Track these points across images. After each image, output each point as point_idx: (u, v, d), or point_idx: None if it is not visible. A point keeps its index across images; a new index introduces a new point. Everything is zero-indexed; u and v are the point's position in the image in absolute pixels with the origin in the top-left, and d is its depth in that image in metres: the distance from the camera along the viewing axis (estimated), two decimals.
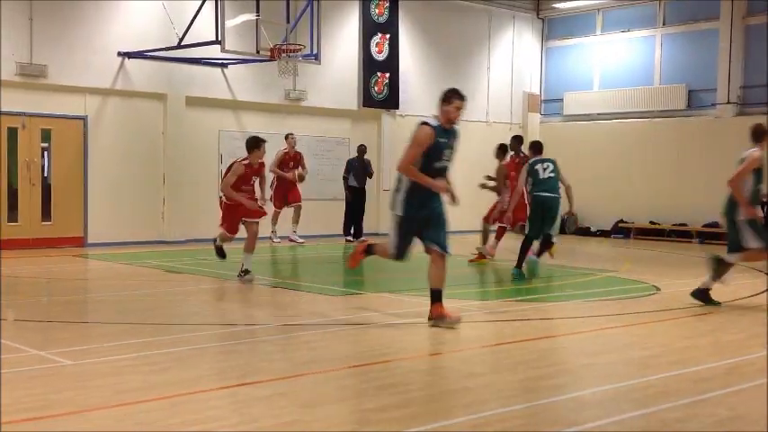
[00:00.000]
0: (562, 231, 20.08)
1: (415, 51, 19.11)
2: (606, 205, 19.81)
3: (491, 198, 13.26)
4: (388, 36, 18.29)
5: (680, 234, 18.48)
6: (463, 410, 4.60)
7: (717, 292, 8.88)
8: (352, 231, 16.33)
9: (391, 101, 18.45)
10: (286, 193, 15.24)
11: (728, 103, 18.22)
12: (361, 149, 16.38)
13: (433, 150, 7.13)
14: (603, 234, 19.62)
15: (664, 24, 19.66)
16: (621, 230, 19.47)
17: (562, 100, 21.16)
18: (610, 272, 11.87)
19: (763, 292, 9.73)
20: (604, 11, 20.64)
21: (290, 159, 15.31)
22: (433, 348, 6.31)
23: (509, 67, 21.01)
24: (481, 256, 12.50)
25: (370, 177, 16.59)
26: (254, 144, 10.01)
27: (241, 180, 9.88)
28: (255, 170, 10.10)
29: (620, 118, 19.90)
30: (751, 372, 5.61)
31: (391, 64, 18.37)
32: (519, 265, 10.78)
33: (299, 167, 15.33)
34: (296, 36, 14.40)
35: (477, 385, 5.18)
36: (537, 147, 11.44)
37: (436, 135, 7.16)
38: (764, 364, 5.84)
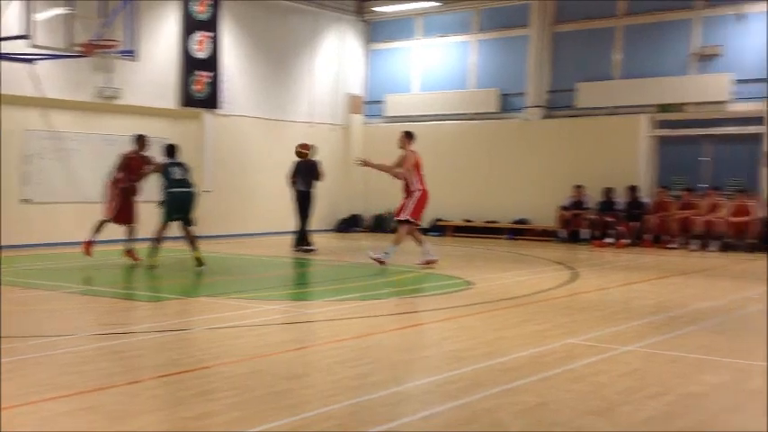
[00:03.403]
0: (382, 230, 20.70)
1: (238, 50, 18.86)
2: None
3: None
4: (209, 34, 17.93)
5: (491, 231, 19.36)
6: (285, 412, 4.60)
7: (519, 285, 9.39)
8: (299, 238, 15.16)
9: (213, 100, 18.10)
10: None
11: (537, 106, 19.31)
12: (308, 150, 15.52)
13: None
14: (422, 232, 20.17)
15: (479, 31, 20.53)
16: (438, 228, 20.14)
17: (384, 102, 21.61)
18: (427, 268, 12.24)
19: (564, 285, 10.40)
20: (424, 16, 21.27)
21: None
22: (253, 352, 6.26)
23: (333, 68, 21.19)
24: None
25: (319, 180, 15.44)
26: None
27: None
28: None
29: (439, 120, 20.59)
30: (555, 360, 5.98)
31: (213, 63, 18.03)
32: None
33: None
34: (111, 31, 13.81)
35: (299, 386, 5.20)
36: (170, 150, 12.11)
37: None
38: (567, 353, 6.25)
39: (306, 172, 15.17)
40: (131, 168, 12.34)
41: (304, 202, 15.03)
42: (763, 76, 16.64)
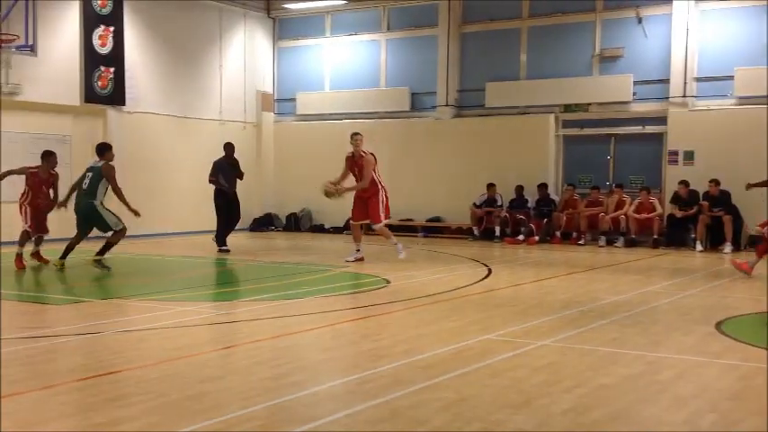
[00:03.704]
0: (297, 228, 20.57)
1: (142, 46, 18.39)
2: (338, 203, 20.35)
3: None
4: (112, 29, 17.42)
5: (406, 229, 19.47)
6: (203, 415, 4.49)
7: (435, 282, 9.46)
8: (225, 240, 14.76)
9: (117, 97, 17.61)
10: None
11: (447, 105, 19.52)
12: (230, 148, 15.03)
13: None
14: (336, 231, 20.17)
15: (388, 29, 20.62)
16: None
17: (295, 100, 21.47)
18: (343, 267, 12.22)
19: (479, 282, 10.54)
20: (333, 14, 21.22)
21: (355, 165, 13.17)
22: (166, 355, 6.10)
23: (242, 65, 20.92)
24: None
25: (241, 179, 15.09)
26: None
27: None
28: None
29: (351, 118, 20.58)
30: (472, 356, 6.03)
31: (116, 58, 17.52)
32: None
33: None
34: (8, 26, 13.27)
35: (215, 389, 5.09)
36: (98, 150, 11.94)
37: None
38: (484, 348, 6.32)
39: (229, 170, 14.84)
40: (34, 188, 11.87)
41: (227, 201, 14.69)
42: (663, 77, 17.27)
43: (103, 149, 11.71)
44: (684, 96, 16.99)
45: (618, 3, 17.86)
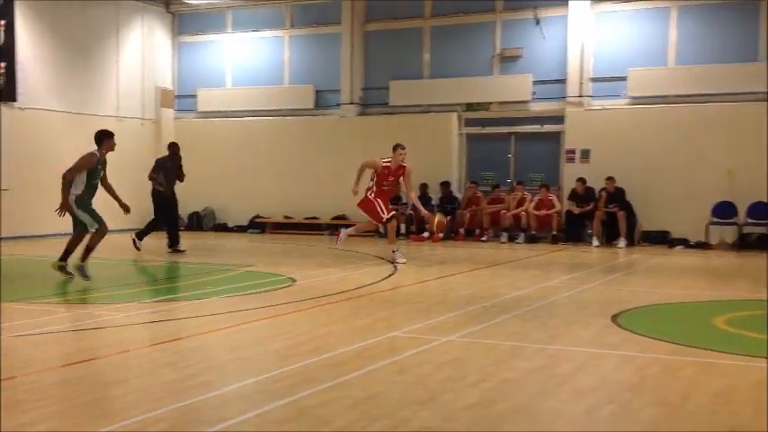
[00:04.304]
0: (199, 227, 20.21)
1: (36, 40, 17.71)
2: (242, 201, 20.19)
3: None
4: (3, 22, 16.71)
5: (312, 227, 19.44)
6: (108, 419, 4.38)
7: (342, 280, 9.47)
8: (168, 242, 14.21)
9: (8, 92, 16.91)
10: None
11: (351, 103, 19.57)
12: (174, 147, 14.35)
13: None
14: (240, 229, 19.96)
15: (292, 26, 20.50)
16: (257, 225, 19.96)
17: (196, 96, 21.10)
18: (248, 266, 12.10)
19: (385, 279, 10.62)
20: (234, 9, 20.95)
21: (391, 174, 12.94)
22: (67, 359, 5.92)
23: (140, 61, 20.42)
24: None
25: (181, 181, 14.40)
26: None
27: None
28: None
29: (254, 116, 20.39)
30: (379, 353, 6.08)
31: (7, 52, 16.83)
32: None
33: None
34: None
35: (122, 392, 4.97)
36: None
37: None
38: (391, 346, 6.38)
39: (170, 170, 14.29)
40: None
41: (165, 202, 14.19)
42: (561, 77, 17.79)
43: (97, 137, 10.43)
44: (581, 96, 17.55)
45: (517, 4, 18.28)
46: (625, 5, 17.43)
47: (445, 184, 18.09)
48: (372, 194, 12.83)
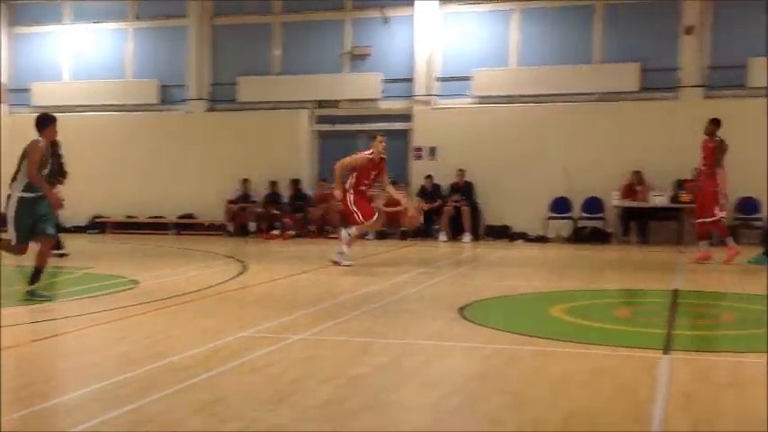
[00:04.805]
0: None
1: None
2: (81, 200, 19.28)
3: None
4: None
5: (156, 226, 18.86)
6: None
7: (189, 281, 9.21)
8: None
9: None
10: None
11: (199, 99, 19.13)
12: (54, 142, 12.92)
13: None
14: (78, 230, 19.07)
15: (136, 18, 19.79)
16: (97, 225, 19.16)
17: (31, 90, 19.99)
18: (86, 268, 11.57)
19: (234, 278, 10.45)
20: (73, 1, 20.00)
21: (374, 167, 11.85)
22: None
23: None
24: None
25: (65, 178, 13.19)
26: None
27: None
28: None
29: (95, 111, 19.54)
30: (229, 354, 5.95)
31: None
32: None
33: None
34: None
35: None
36: None
37: None
38: (241, 346, 6.26)
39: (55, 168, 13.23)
40: None
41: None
42: (409, 75, 18.11)
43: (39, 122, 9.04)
44: (428, 95, 17.94)
45: (365, 2, 18.45)
46: (471, 7, 17.95)
47: (295, 182, 18.02)
48: (351, 197, 11.69)
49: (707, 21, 16.67)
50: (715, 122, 12.20)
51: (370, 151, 11.88)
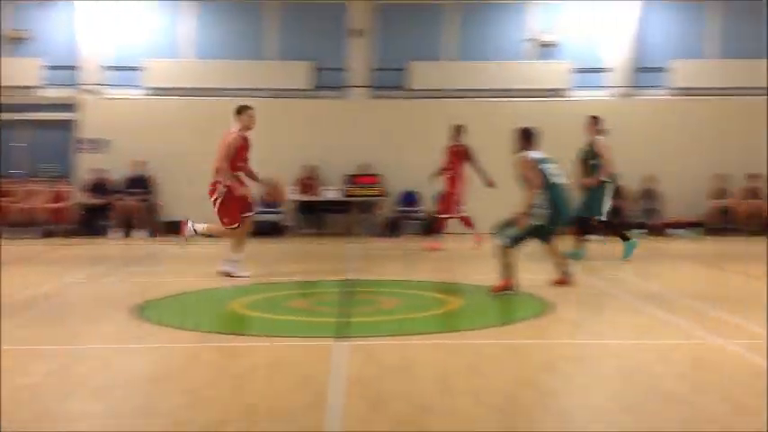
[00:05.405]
0: None
1: None
2: None
3: None
4: None
5: None
6: None
7: None
8: None
9: None
10: None
11: None
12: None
13: None
14: None
15: None
16: None
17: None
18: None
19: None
20: None
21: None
22: None
23: None
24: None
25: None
26: None
27: None
28: None
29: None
30: None
31: None
32: None
33: None
34: None
35: None
36: None
37: None
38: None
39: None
40: None
41: None
42: (74, 63, 17.03)
43: None
44: (97, 84, 17.02)
45: None
46: None
47: None
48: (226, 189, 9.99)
49: (374, 25, 17.68)
50: (458, 129, 13.06)
51: (239, 127, 10.01)
